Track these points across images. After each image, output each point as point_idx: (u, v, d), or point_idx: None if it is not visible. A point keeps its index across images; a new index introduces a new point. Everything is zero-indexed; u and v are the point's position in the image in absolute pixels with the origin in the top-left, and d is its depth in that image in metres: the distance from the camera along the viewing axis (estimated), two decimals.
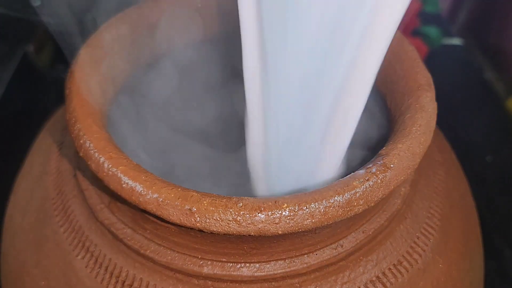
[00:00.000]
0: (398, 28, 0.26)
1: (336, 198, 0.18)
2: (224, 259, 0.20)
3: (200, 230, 0.18)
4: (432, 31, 0.57)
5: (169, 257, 0.21)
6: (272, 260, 0.20)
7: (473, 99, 0.57)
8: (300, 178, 0.24)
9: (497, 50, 0.62)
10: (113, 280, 0.21)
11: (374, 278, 0.21)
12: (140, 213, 0.21)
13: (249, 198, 0.19)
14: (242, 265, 0.20)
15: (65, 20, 0.23)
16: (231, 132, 0.30)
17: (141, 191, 0.19)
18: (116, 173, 0.19)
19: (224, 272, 0.20)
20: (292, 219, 0.18)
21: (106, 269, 0.22)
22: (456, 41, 0.63)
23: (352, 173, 0.20)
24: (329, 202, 0.18)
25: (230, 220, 0.18)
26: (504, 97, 0.57)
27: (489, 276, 0.28)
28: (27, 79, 0.46)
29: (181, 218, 0.18)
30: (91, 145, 0.20)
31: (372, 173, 0.19)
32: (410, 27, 0.54)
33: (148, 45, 0.26)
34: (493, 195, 0.45)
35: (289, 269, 0.20)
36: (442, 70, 0.58)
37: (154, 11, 0.26)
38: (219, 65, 0.30)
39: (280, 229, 0.18)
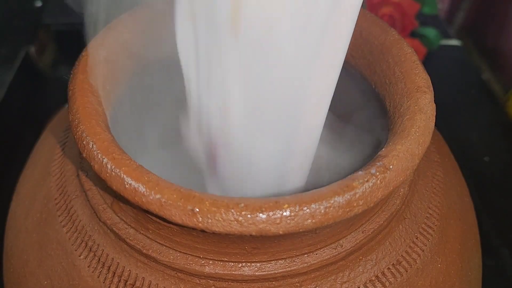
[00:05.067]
0: (396, 30, 0.27)
1: (336, 198, 0.19)
2: (225, 259, 0.20)
3: (202, 230, 0.18)
4: (430, 32, 0.57)
5: (171, 257, 0.21)
6: (273, 260, 0.21)
7: (471, 100, 0.57)
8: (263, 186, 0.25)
9: (495, 51, 0.62)
10: (116, 280, 0.22)
11: (373, 278, 0.22)
12: (143, 213, 0.21)
13: (250, 198, 0.19)
14: (243, 264, 0.20)
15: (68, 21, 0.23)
16: None
17: (144, 191, 0.19)
18: (119, 173, 0.19)
19: (225, 272, 0.20)
20: (292, 219, 0.18)
21: (108, 269, 0.22)
22: (454, 42, 0.64)
23: (352, 174, 0.20)
24: (329, 203, 0.18)
25: (231, 220, 0.18)
26: (501, 97, 0.57)
27: (487, 275, 0.28)
28: (29, 80, 0.46)
29: (184, 219, 0.18)
30: (94, 146, 0.20)
31: (372, 174, 0.19)
32: (408, 29, 0.55)
33: (151, 46, 0.26)
34: (491, 195, 0.46)
35: (289, 269, 0.21)
36: (440, 71, 0.58)
37: (157, 12, 0.26)
38: None
39: (281, 229, 0.18)
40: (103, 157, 0.20)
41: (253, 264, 0.20)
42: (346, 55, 0.22)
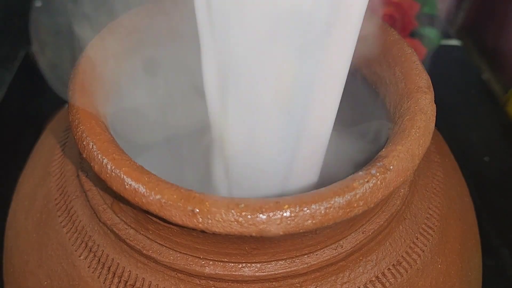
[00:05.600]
0: (396, 30, 0.27)
1: (336, 199, 0.19)
2: (225, 259, 0.20)
3: (202, 231, 0.18)
4: (430, 32, 0.57)
5: (171, 257, 0.21)
6: (273, 260, 0.21)
7: (471, 100, 0.57)
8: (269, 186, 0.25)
9: (495, 51, 0.62)
10: (116, 280, 0.22)
11: (373, 278, 0.22)
12: (143, 214, 0.21)
13: (250, 199, 0.19)
14: (244, 265, 0.20)
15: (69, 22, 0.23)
16: None
17: (144, 192, 0.19)
18: (119, 174, 0.19)
19: (225, 272, 0.20)
20: (293, 220, 0.18)
21: (108, 269, 0.22)
22: (454, 42, 0.64)
23: (352, 175, 0.20)
24: (329, 203, 0.18)
25: (232, 221, 0.18)
26: (501, 97, 0.57)
27: (487, 275, 0.28)
28: (29, 80, 0.46)
29: (184, 219, 0.18)
30: (94, 146, 0.20)
31: (372, 174, 0.19)
32: (408, 29, 0.54)
33: (151, 46, 0.26)
34: (491, 195, 0.46)
35: (289, 269, 0.21)
36: (440, 71, 0.58)
37: (157, 12, 0.26)
38: None
39: (281, 230, 0.18)
40: (103, 157, 0.20)
41: (253, 264, 0.20)
42: None
